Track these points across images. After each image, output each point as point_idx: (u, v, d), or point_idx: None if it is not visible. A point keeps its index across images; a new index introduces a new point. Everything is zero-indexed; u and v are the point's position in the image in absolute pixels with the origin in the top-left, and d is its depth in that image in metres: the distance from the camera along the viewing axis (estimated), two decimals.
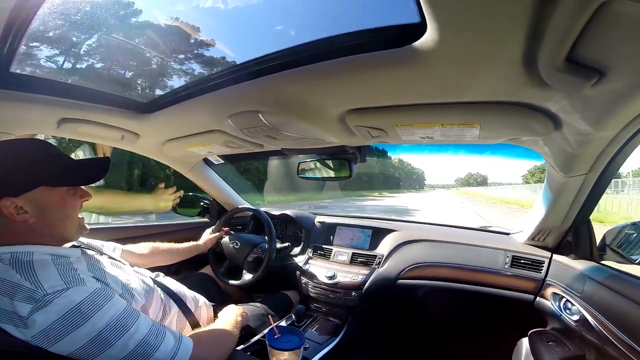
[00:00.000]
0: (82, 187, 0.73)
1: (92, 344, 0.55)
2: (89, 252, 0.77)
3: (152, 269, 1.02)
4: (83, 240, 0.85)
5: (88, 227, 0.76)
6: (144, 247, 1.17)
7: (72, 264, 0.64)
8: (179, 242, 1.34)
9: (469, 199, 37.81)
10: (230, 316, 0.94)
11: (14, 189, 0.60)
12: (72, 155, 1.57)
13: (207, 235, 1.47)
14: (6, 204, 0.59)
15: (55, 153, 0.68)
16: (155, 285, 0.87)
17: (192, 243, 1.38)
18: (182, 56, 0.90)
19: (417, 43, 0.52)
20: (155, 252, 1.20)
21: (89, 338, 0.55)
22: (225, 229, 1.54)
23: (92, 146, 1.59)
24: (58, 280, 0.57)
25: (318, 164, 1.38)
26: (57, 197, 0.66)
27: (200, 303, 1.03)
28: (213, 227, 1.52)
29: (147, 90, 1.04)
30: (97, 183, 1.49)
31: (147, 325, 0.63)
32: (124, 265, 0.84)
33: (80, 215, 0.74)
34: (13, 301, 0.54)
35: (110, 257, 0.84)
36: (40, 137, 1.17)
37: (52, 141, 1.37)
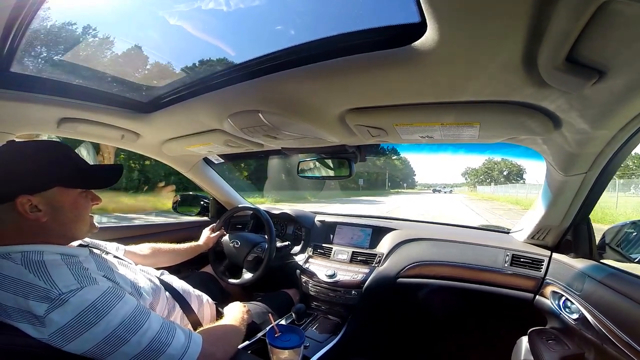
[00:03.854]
0: (93, 191, 0.75)
1: (106, 342, 0.56)
2: (96, 251, 0.78)
3: (156, 268, 1.02)
4: (87, 240, 0.85)
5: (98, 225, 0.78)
6: (145, 248, 1.18)
7: (82, 264, 0.65)
8: (179, 241, 1.34)
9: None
10: (237, 313, 0.95)
11: (31, 187, 0.62)
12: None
13: (206, 234, 1.47)
14: (22, 201, 0.60)
15: (72, 156, 0.70)
16: (161, 284, 0.87)
17: (193, 243, 1.38)
18: (182, 56, 0.90)
19: (417, 43, 0.52)
20: (156, 253, 1.20)
21: (104, 336, 0.56)
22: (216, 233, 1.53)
23: (96, 145, 1.59)
24: (71, 280, 0.58)
25: (318, 164, 1.38)
26: (70, 198, 0.68)
27: (204, 301, 1.03)
28: (211, 226, 1.52)
29: (147, 90, 1.03)
30: None
31: (158, 323, 0.64)
32: (130, 264, 0.85)
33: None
34: (28, 301, 0.54)
35: (116, 257, 0.85)
36: (44, 137, 1.17)
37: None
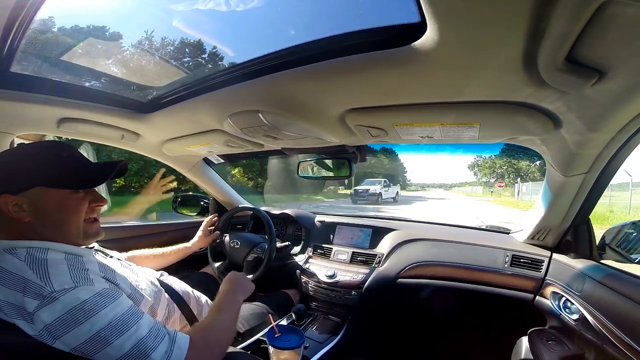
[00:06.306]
0: (95, 191, 0.73)
1: (91, 342, 0.56)
2: (100, 253, 0.78)
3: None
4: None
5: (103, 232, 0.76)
6: (130, 256, 1.10)
7: (84, 264, 0.65)
8: (178, 241, 1.33)
9: None
10: (227, 307, 0.88)
11: (13, 187, 0.63)
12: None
13: (199, 235, 1.39)
14: (6, 201, 0.62)
15: (63, 156, 0.68)
16: (161, 286, 0.87)
17: (181, 245, 1.32)
18: (182, 56, 0.90)
19: (417, 43, 0.52)
20: (142, 259, 1.14)
21: (88, 336, 0.56)
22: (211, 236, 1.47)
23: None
24: (67, 279, 0.58)
25: (318, 164, 1.39)
26: (54, 199, 0.66)
27: (203, 302, 1.03)
28: (206, 220, 1.45)
29: (147, 90, 1.03)
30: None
31: (147, 327, 0.63)
32: (131, 266, 0.85)
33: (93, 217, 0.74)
34: (24, 297, 0.55)
35: (119, 259, 0.85)
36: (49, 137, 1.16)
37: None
